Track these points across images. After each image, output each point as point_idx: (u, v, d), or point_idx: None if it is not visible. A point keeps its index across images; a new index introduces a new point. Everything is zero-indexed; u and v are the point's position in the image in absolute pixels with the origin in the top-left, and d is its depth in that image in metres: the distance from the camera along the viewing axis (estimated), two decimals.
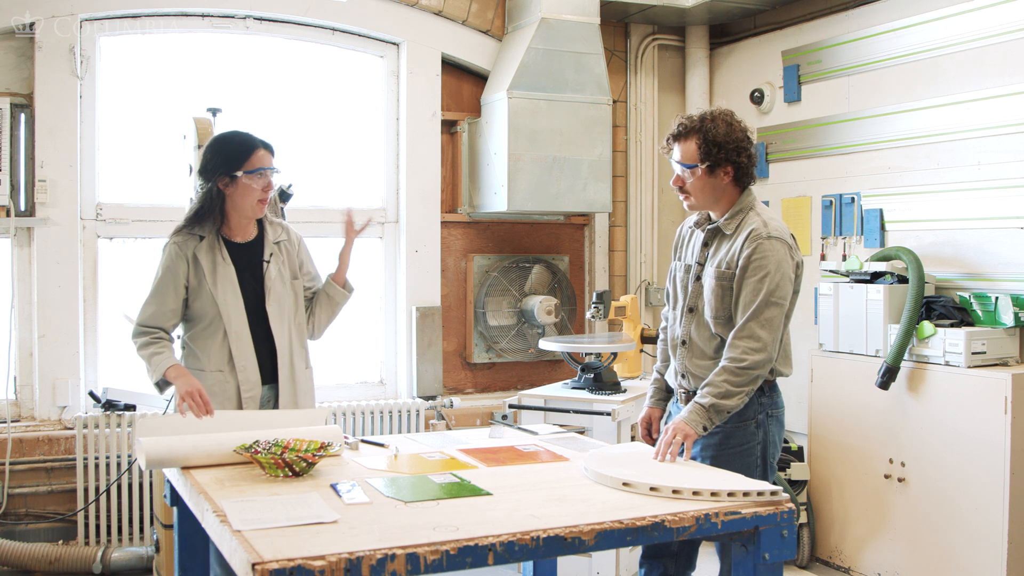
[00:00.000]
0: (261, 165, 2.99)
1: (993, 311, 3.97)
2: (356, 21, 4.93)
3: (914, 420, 4.08)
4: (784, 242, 2.76)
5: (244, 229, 3.09)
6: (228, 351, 3.02)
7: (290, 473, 2.43)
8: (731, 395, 2.68)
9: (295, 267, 3.17)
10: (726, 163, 2.77)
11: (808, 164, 5.01)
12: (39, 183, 4.36)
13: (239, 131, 3.09)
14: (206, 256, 3.02)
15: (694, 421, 2.65)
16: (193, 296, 3.03)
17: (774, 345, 2.72)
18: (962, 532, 3.88)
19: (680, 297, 2.95)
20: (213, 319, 3.02)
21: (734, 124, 2.80)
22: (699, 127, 2.78)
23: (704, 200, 2.84)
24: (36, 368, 4.40)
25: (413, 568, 1.84)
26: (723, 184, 2.81)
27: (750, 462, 2.81)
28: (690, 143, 2.79)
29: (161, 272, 3.03)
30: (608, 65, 5.24)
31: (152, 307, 3.02)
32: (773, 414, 2.87)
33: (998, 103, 4.05)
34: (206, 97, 4.58)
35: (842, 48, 4.78)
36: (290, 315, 3.13)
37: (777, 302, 2.71)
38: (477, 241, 5.32)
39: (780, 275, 2.72)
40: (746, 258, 2.74)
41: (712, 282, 2.82)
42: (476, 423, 5.14)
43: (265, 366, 3.07)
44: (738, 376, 2.68)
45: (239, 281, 3.05)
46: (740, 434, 2.82)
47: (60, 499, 4.39)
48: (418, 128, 5.08)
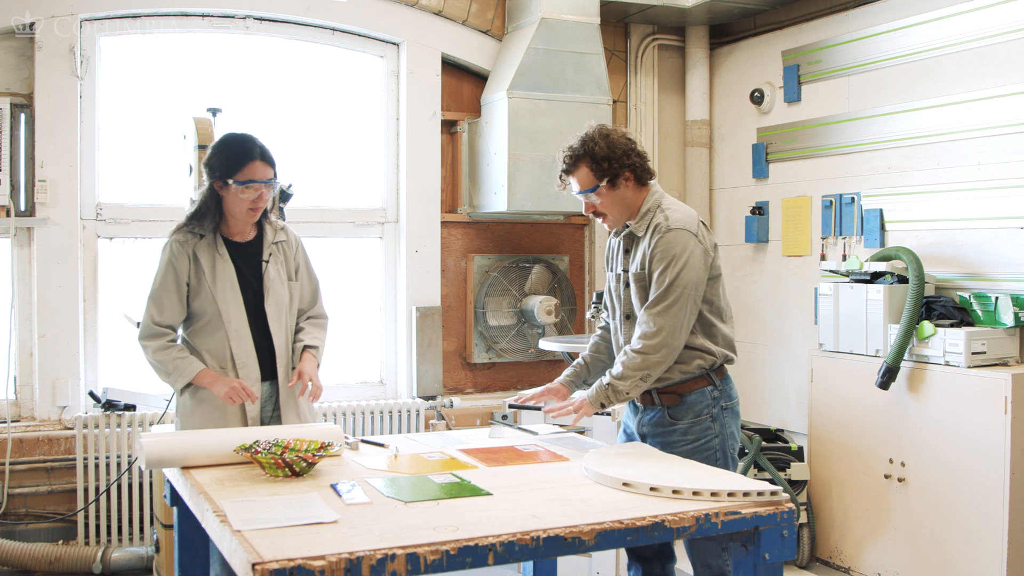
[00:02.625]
0: (251, 178, 2.96)
1: (993, 311, 3.97)
2: (356, 21, 4.93)
3: (914, 420, 4.08)
4: (685, 231, 2.83)
5: (243, 229, 3.10)
6: (228, 349, 3.03)
7: (290, 473, 2.43)
8: (624, 377, 2.79)
9: (291, 269, 3.18)
10: (622, 170, 2.86)
11: (808, 164, 5.01)
12: (39, 183, 4.36)
13: (244, 137, 3.06)
14: (206, 254, 3.02)
15: (592, 397, 2.84)
16: (193, 294, 3.03)
17: (672, 333, 2.78)
18: (962, 532, 3.88)
19: (616, 307, 3.02)
20: (213, 317, 3.02)
21: (611, 134, 2.89)
22: (582, 152, 2.87)
23: (620, 213, 2.93)
24: (36, 368, 4.40)
25: (413, 568, 1.84)
26: (629, 191, 2.90)
27: (709, 456, 2.86)
28: (582, 169, 2.88)
29: (163, 270, 3.03)
30: (608, 65, 5.24)
31: (158, 305, 3.02)
32: (727, 406, 2.94)
33: (998, 103, 4.04)
34: (206, 97, 4.58)
35: (842, 48, 4.78)
36: (286, 314, 3.14)
37: (675, 289, 2.78)
38: (477, 241, 5.32)
39: (682, 264, 2.79)
40: (651, 253, 2.84)
41: (633, 285, 2.92)
42: (476, 423, 5.14)
43: (265, 363, 3.08)
44: (631, 359, 2.79)
45: (238, 280, 3.05)
46: (696, 430, 2.89)
47: (60, 499, 4.39)
48: (418, 128, 5.08)
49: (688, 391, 2.90)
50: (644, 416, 2.98)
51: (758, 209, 5.25)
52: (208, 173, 3.01)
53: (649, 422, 2.96)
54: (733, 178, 5.50)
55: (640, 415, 3.00)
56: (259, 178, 2.97)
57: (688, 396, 2.90)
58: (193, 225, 3.04)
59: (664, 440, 2.91)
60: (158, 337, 3.01)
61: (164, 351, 3.00)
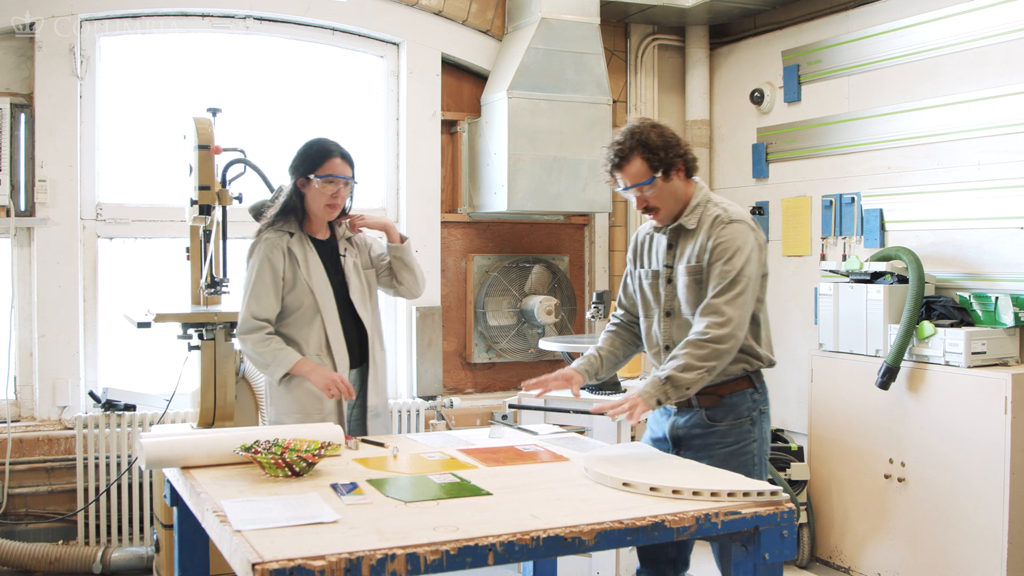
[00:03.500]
0: (332, 172, 3.14)
1: (993, 311, 3.97)
2: (356, 21, 4.94)
3: (914, 420, 4.08)
4: (746, 223, 2.77)
5: (322, 226, 3.27)
6: (325, 337, 3.18)
7: (290, 473, 2.43)
8: (691, 368, 2.64)
9: (367, 258, 3.36)
10: (676, 160, 2.78)
11: (808, 164, 5.01)
12: (39, 183, 4.36)
13: (325, 139, 3.24)
14: (298, 250, 3.19)
15: (648, 393, 2.64)
16: (288, 288, 3.17)
17: (740, 324, 2.69)
18: (962, 532, 3.88)
19: (653, 305, 2.94)
20: (308, 308, 3.17)
21: (659, 124, 2.82)
22: (635, 143, 2.77)
23: (673, 206, 2.83)
24: (36, 368, 4.40)
25: (413, 568, 1.84)
26: (680, 183, 2.82)
27: (746, 460, 2.80)
28: (635, 162, 2.77)
29: (258, 266, 3.16)
30: (608, 65, 5.24)
31: (258, 300, 3.15)
32: (764, 411, 2.89)
33: (998, 103, 4.04)
34: (206, 97, 4.58)
35: (842, 48, 4.78)
36: (369, 301, 3.32)
37: (741, 280, 2.70)
38: (477, 241, 5.32)
39: (745, 256, 2.72)
40: (712, 245, 2.75)
41: (685, 279, 2.81)
42: (476, 423, 5.14)
43: (353, 351, 3.25)
44: (700, 349, 2.65)
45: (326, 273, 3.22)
46: (736, 432, 2.82)
47: (60, 499, 4.39)
48: (418, 128, 5.09)
49: (729, 392, 2.81)
50: (679, 419, 2.88)
51: (758, 209, 5.26)
52: (292, 173, 3.19)
53: (685, 425, 2.86)
54: (733, 178, 5.50)
55: (674, 418, 2.89)
56: (339, 173, 3.15)
57: (729, 398, 2.81)
58: (280, 223, 3.20)
59: (702, 443, 2.82)
60: (256, 331, 3.13)
61: (263, 344, 3.12)
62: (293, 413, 3.15)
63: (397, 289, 3.41)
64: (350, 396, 3.10)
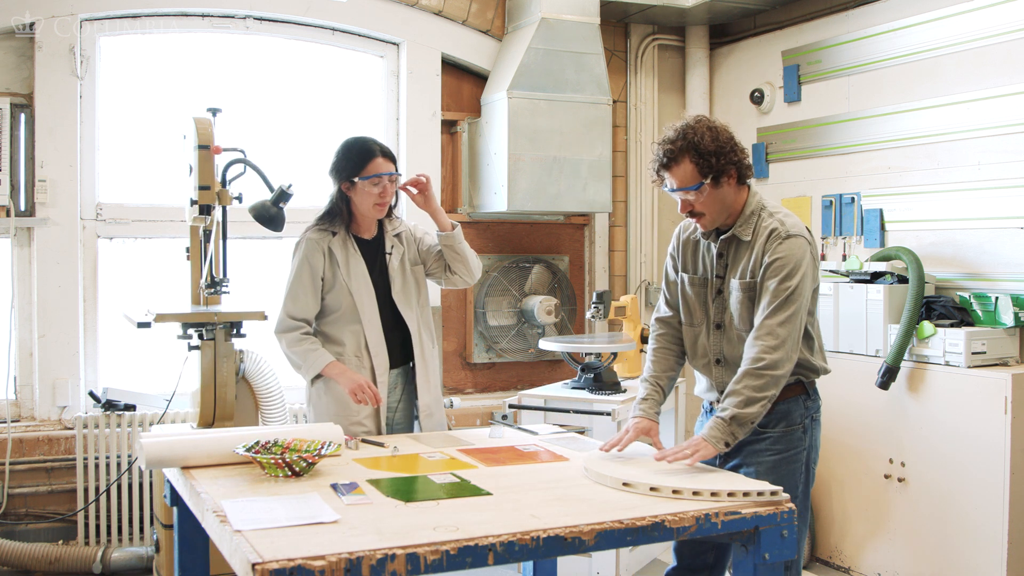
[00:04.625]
0: (377, 172, 3.14)
1: (993, 311, 3.97)
2: (356, 21, 4.93)
3: (914, 420, 4.08)
4: (804, 238, 2.64)
5: (370, 225, 3.28)
6: (363, 338, 3.19)
7: (290, 473, 2.43)
8: (753, 402, 2.53)
9: (415, 253, 3.35)
10: (728, 167, 2.61)
11: (808, 164, 5.01)
12: (39, 183, 4.36)
13: (363, 138, 3.25)
14: (340, 250, 3.20)
15: (714, 438, 2.51)
16: (327, 288, 3.20)
17: (792, 343, 2.59)
18: (962, 532, 3.88)
19: (700, 313, 2.80)
20: (347, 309, 3.19)
21: (715, 126, 2.63)
22: (686, 145, 2.59)
23: (718, 213, 2.67)
24: (36, 368, 4.40)
25: (413, 568, 1.84)
26: (730, 190, 2.65)
27: (795, 469, 2.72)
28: (684, 164, 2.60)
29: (298, 265, 3.19)
30: (608, 65, 5.24)
31: (295, 299, 3.18)
32: (816, 417, 2.79)
33: (998, 103, 4.04)
34: (206, 97, 4.58)
35: (842, 48, 4.78)
36: (415, 299, 3.31)
37: (796, 299, 2.59)
38: (477, 241, 5.32)
39: (801, 274, 2.59)
40: (768, 260, 2.62)
41: (739, 294, 2.68)
42: (476, 423, 5.14)
43: (394, 351, 3.25)
44: (759, 379, 2.54)
45: (369, 273, 3.22)
46: (787, 440, 2.71)
47: (60, 499, 4.39)
48: (418, 128, 5.09)
49: (782, 399, 2.68)
50: None
51: None
52: (335, 177, 3.21)
53: None
54: None
55: None
56: (383, 171, 3.15)
57: (782, 404, 2.69)
58: (325, 224, 3.23)
59: (750, 449, 2.71)
60: (292, 330, 3.16)
61: (297, 344, 3.15)
62: (330, 415, 3.15)
63: (449, 279, 3.36)
64: (377, 403, 3.10)
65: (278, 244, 4.85)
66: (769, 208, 2.71)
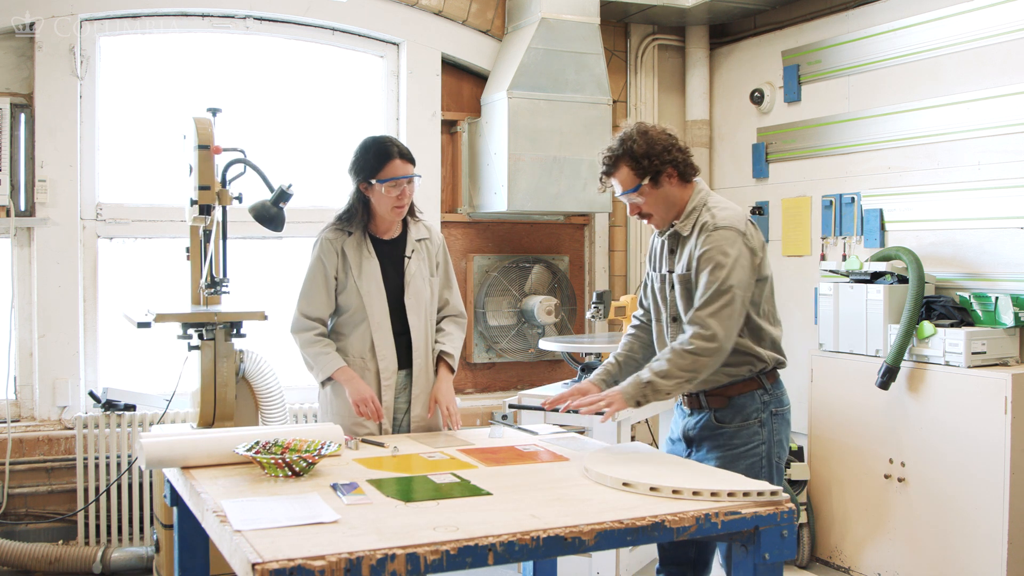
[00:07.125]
0: (395, 175, 3.12)
1: (993, 311, 3.97)
2: (356, 21, 4.93)
3: (914, 420, 4.08)
4: (733, 229, 2.71)
5: (390, 227, 3.25)
6: (370, 340, 3.17)
7: (290, 473, 2.43)
8: (671, 376, 2.64)
9: (433, 266, 3.33)
10: (664, 167, 2.75)
11: (808, 164, 5.01)
12: (39, 183, 4.36)
13: (382, 138, 3.24)
14: (353, 251, 3.18)
15: (628, 394, 2.68)
16: (340, 288, 3.19)
17: (727, 337, 2.66)
18: (962, 532, 3.88)
19: (662, 308, 2.91)
20: (357, 310, 3.17)
21: (649, 131, 2.79)
22: (621, 152, 2.77)
23: (665, 212, 2.82)
24: (36, 368, 4.40)
25: (413, 568, 1.84)
26: (673, 189, 2.79)
27: (754, 463, 2.76)
28: (622, 170, 2.78)
29: (312, 265, 3.20)
30: (608, 65, 5.24)
31: (309, 299, 3.18)
32: (778, 412, 2.82)
33: (998, 103, 4.04)
34: (206, 97, 4.58)
35: (842, 48, 4.78)
36: (426, 307, 3.28)
37: (726, 291, 2.66)
38: (477, 241, 5.32)
39: (729, 266, 2.67)
40: (699, 253, 2.72)
41: (679, 287, 2.80)
42: (476, 423, 5.14)
43: (402, 353, 3.23)
44: (682, 358, 2.64)
45: (382, 275, 3.20)
46: (743, 435, 2.78)
47: (60, 499, 4.39)
48: (418, 128, 5.08)
49: (736, 394, 2.78)
50: (690, 420, 2.88)
51: (758, 209, 5.26)
52: (353, 177, 3.19)
53: (696, 426, 2.85)
54: (733, 178, 5.50)
55: (687, 419, 2.90)
56: (400, 174, 3.14)
57: (736, 399, 2.79)
58: (342, 224, 3.21)
59: (712, 444, 2.81)
60: (306, 330, 3.17)
61: (310, 344, 3.15)
62: (340, 419, 3.14)
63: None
64: (379, 419, 3.10)
65: (278, 244, 4.85)
66: (710, 203, 2.81)
